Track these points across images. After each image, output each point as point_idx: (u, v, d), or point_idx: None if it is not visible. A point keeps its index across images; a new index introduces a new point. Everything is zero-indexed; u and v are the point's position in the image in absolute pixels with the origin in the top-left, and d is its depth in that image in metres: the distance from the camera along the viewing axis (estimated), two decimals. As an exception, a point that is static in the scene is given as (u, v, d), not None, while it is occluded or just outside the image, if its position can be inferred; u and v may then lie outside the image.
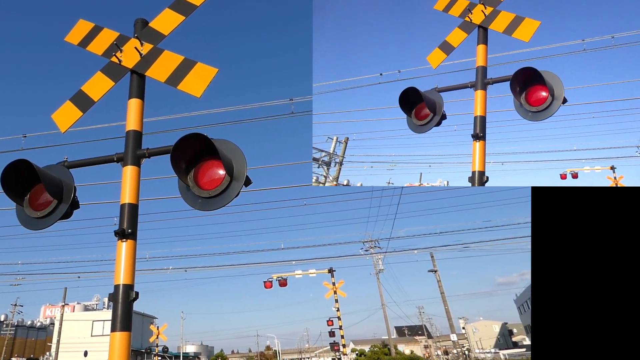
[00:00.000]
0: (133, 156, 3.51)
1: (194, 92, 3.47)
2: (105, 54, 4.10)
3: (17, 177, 3.45)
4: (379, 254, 42.97)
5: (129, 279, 3.12)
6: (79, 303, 61.21)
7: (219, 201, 3.16)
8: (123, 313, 3.00)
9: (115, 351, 2.88)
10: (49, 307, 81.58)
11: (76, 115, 4.00)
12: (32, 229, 3.50)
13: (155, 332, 34.57)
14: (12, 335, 61.50)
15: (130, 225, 3.28)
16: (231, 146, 3.21)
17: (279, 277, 25.51)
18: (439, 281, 36.16)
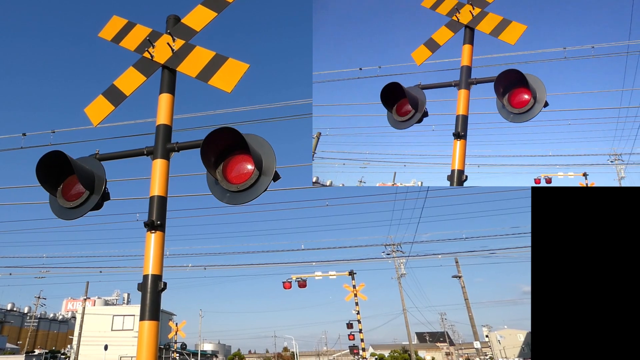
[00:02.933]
0: (163, 150, 3.57)
1: (224, 87, 3.51)
2: (137, 50, 4.18)
3: (52, 168, 3.55)
4: (401, 258, 42.70)
5: (158, 269, 3.17)
6: (99, 297, 62.36)
7: (247, 195, 3.18)
8: (151, 302, 3.05)
9: (143, 339, 2.92)
10: (71, 300, 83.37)
11: (108, 109, 4.09)
12: (64, 218, 3.59)
13: (174, 328, 34.99)
14: (35, 327, 62.95)
15: (159, 217, 3.33)
16: (261, 141, 3.24)
17: (299, 278, 25.49)
18: (463, 287, 35.47)
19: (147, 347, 2.91)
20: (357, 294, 25.43)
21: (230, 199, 3.25)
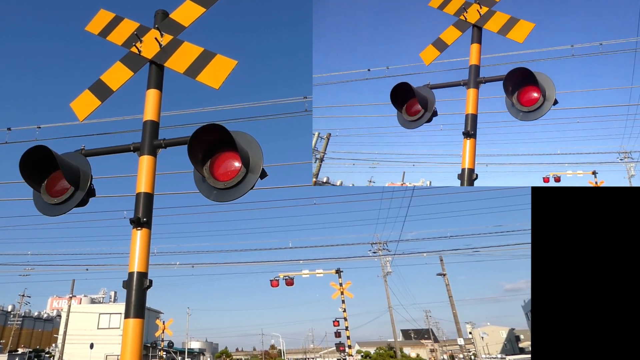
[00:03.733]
0: (150, 146, 3.53)
1: (212, 83, 3.48)
2: (125, 44, 4.13)
3: (36, 163, 3.49)
4: (387, 256, 42.89)
5: (143, 266, 3.14)
6: (85, 296, 61.72)
7: (234, 193, 3.17)
8: (137, 300, 3.02)
9: (128, 337, 2.89)
10: (56, 298, 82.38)
11: (95, 104, 4.03)
12: (48, 215, 3.54)
13: (161, 326, 34.76)
14: (19, 325, 62.11)
15: (145, 214, 3.30)
16: (248, 138, 3.22)
17: (286, 276, 25.51)
18: (447, 285, 35.87)
19: (132, 345, 2.88)
20: (343, 292, 25.58)
21: (218, 196, 3.23)
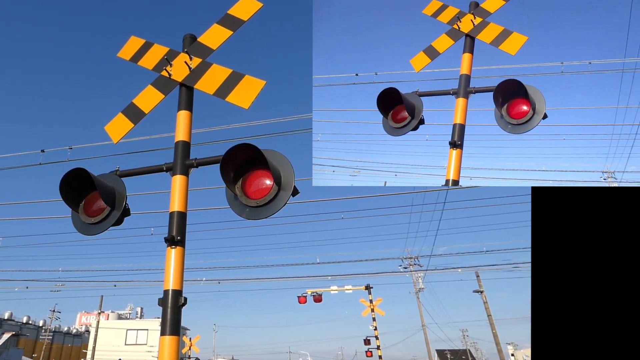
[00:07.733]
0: (182, 166, 3.63)
1: (242, 104, 3.57)
2: (155, 68, 4.28)
3: (74, 184, 3.63)
4: (419, 272, 41.84)
5: (178, 284, 3.21)
6: (112, 311, 62.63)
7: (267, 210, 3.22)
8: (172, 317, 3.09)
9: (165, 354, 2.96)
10: (85, 314, 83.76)
11: (128, 126, 4.17)
12: (86, 234, 3.66)
13: (188, 343, 34.94)
14: (50, 340, 63.32)
15: (179, 233, 3.38)
16: (279, 156, 3.29)
17: (314, 292, 25.06)
18: (485, 302, 33.45)
19: (169, 361, 2.94)
20: (374, 309, 24.72)
21: (250, 214, 3.29)
